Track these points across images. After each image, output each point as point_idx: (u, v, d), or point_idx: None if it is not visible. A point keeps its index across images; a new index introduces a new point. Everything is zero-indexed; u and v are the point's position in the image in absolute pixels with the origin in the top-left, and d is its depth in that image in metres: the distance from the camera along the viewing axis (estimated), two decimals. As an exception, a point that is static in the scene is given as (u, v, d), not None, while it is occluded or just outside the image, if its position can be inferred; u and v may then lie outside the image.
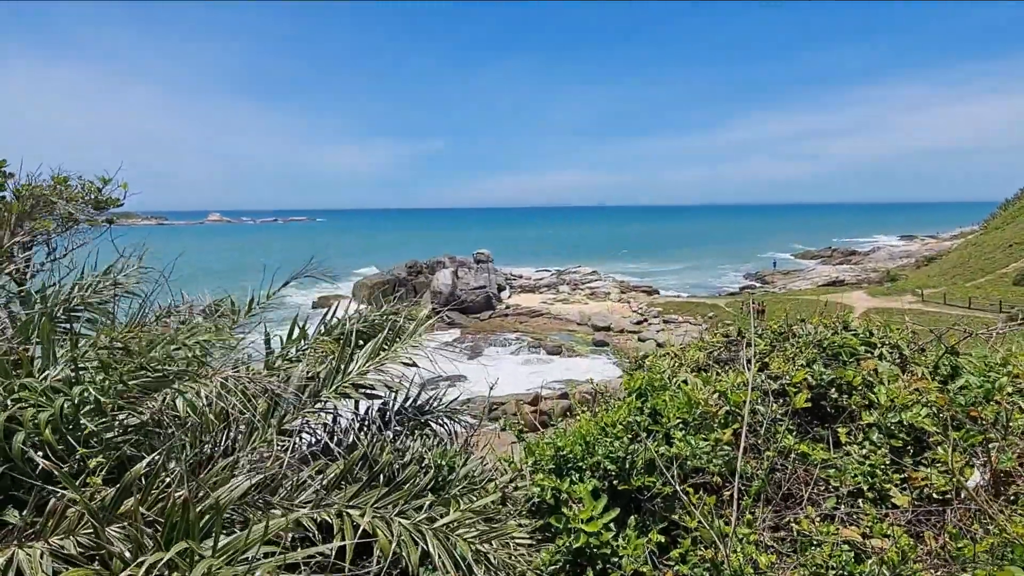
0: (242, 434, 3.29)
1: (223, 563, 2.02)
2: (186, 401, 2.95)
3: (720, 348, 4.34)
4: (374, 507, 2.64)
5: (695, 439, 3.15)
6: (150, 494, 2.42)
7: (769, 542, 2.94)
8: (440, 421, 4.48)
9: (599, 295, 55.82)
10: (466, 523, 2.73)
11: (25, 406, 2.77)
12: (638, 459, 3.17)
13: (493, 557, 2.61)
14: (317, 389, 3.41)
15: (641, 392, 3.63)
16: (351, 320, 4.05)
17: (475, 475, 3.85)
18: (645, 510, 3.14)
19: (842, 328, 4.06)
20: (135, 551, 2.17)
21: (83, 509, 2.36)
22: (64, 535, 2.41)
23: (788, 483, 3.15)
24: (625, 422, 3.38)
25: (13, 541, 2.44)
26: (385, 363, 3.53)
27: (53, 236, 6.34)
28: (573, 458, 3.21)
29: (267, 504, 2.50)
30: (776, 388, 3.56)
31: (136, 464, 2.64)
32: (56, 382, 2.92)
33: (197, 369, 3.18)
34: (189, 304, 4.74)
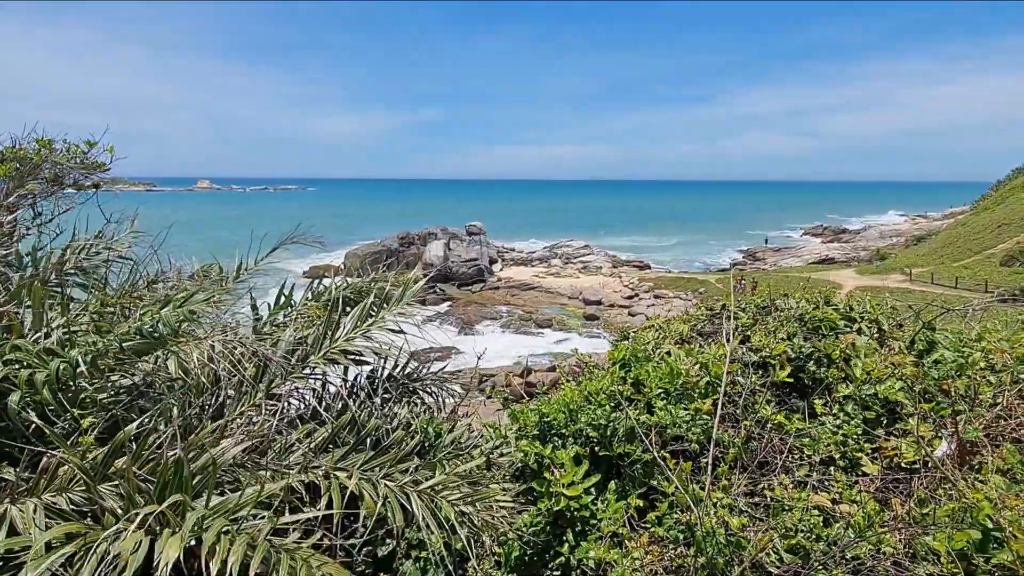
0: (231, 398, 3.35)
1: (211, 516, 2.09)
2: (177, 363, 2.99)
3: (704, 321, 4.41)
4: (361, 469, 2.72)
5: (676, 408, 3.24)
6: (141, 454, 2.48)
7: (743, 507, 3.04)
8: (428, 390, 4.55)
9: (591, 269, 55.95)
10: (450, 486, 2.81)
11: (18, 368, 2.80)
12: (619, 427, 3.25)
13: (476, 519, 2.70)
14: (305, 354, 3.45)
15: (625, 362, 3.70)
16: (338, 287, 4.08)
17: (461, 442, 3.94)
18: (625, 476, 3.23)
19: (823, 303, 4.13)
20: (127, 508, 2.23)
21: (75, 467, 2.41)
22: (57, 492, 2.47)
23: (764, 452, 3.25)
24: (608, 391, 3.46)
25: (6, 497, 2.50)
26: (372, 329, 3.58)
27: (39, 200, 6.28)
28: (556, 425, 3.29)
29: (256, 465, 2.57)
30: (756, 360, 3.64)
31: (128, 425, 2.70)
32: (51, 344, 2.95)
33: (188, 332, 3.21)
34: (178, 269, 4.76)
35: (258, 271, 4.88)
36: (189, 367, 3.18)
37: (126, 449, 2.44)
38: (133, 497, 2.18)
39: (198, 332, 3.36)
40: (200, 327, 3.57)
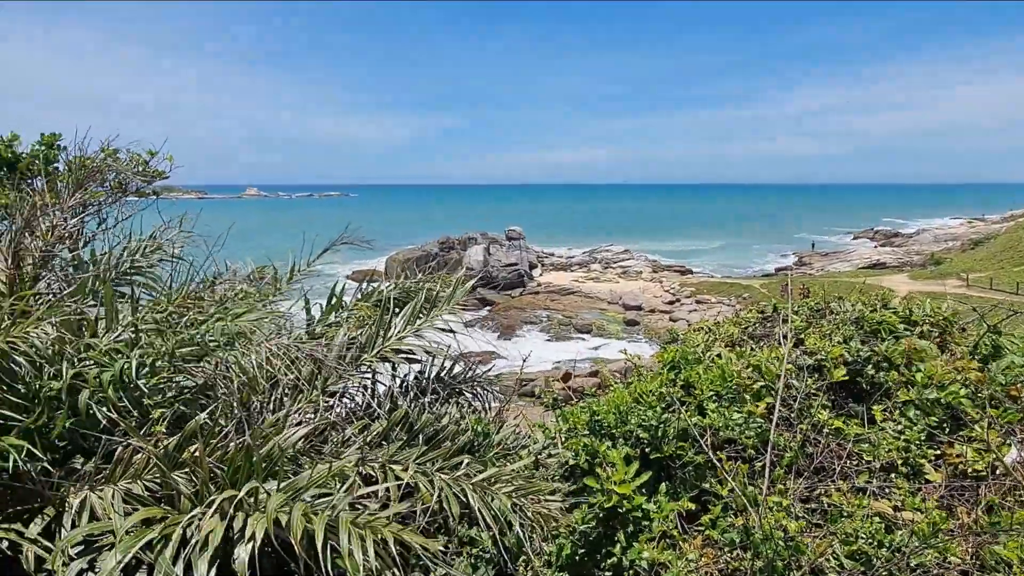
0: (288, 396, 3.46)
1: (288, 499, 2.17)
2: (237, 365, 3.10)
3: (755, 324, 4.35)
4: (416, 463, 2.78)
5: (728, 411, 3.20)
6: (209, 443, 2.59)
7: (799, 512, 2.99)
8: (473, 391, 4.60)
9: (631, 274, 55.45)
10: (503, 479, 2.85)
11: (89, 366, 2.96)
12: (670, 428, 3.23)
13: (529, 511, 2.73)
14: (358, 354, 3.54)
15: (674, 364, 3.68)
16: (389, 287, 4.17)
17: (508, 443, 3.97)
18: (676, 478, 3.21)
19: (881, 306, 4.02)
20: (201, 492, 2.33)
21: (150, 455, 2.54)
22: (131, 480, 2.60)
23: (820, 456, 3.18)
24: (658, 393, 3.44)
25: (85, 486, 2.64)
26: (423, 328, 3.65)
27: (104, 207, 6.61)
28: (607, 425, 3.30)
29: (318, 453, 2.65)
30: (811, 364, 3.56)
31: (193, 417, 2.82)
32: (118, 343, 3.10)
33: (245, 342, 3.33)
34: (234, 271, 4.94)
35: (311, 272, 5.03)
36: (248, 369, 3.30)
37: (197, 437, 2.55)
38: (207, 483, 2.28)
39: (254, 338, 3.48)
40: (257, 332, 3.70)
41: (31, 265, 3.59)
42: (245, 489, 2.15)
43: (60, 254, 4.50)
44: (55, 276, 3.86)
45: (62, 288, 3.85)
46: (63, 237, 3.92)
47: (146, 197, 8.07)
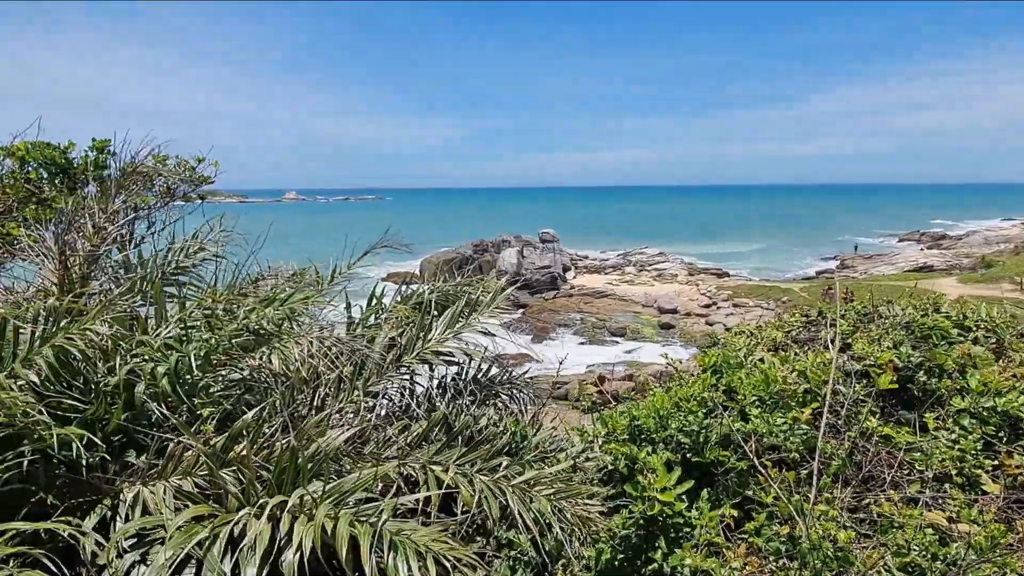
0: (330, 395, 3.52)
1: (333, 505, 2.21)
2: (281, 359, 3.17)
3: (799, 328, 4.24)
4: (456, 464, 2.79)
5: (772, 416, 3.13)
6: (256, 442, 2.65)
7: (847, 522, 2.90)
8: (510, 393, 4.61)
9: (666, 277, 54.76)
10: (543, 482, 2.84)
11: (143, 361, 3.06)
12: (712, 434, 3.17)
13: (569, 514, 2.71)
14: (399, 354, 3.58)
15: (716, 369, 3.61)
16: (428, 289, 4.21)
17: (546, 445, 3.96)
18: (718, 484, 3.15)
19: (932, 310, 3.88)
20: (247, 492, 2.39)
21: (199, 452, 2.61)
22: (182, 476, 2.68)
23: (869, 465, 3.09)
24: (699, 397, 3.39)
25: (138, 480, 2.73)
26: (463, 331, 3.67)
27: (153, 211, 6.84)
28: (647, 430, 3.26)
29: (359, 455, 2.69)
30: (859, 369, 3.46)
31: (239, 416, 2.89)
32: (169, 339, 3.21)
33: (289, 330, 3.41)
34: (277, 271, 5.06)
35: (350, 275, 5.12)
36: (291, 364, 3.37)
37: (243, 437, 2.61)
38: (253, 483, 2.33)
39: (298, 331, 3.56)
40: (300, 326, 3.78)
41: (79, 265, 3.73)
42: (295, 495, 2.20)
43: (109, 255, 4.68)
44: (104, 276, 4.00)
45: (112, 287, 4.00)
46: (111, 239, 4.07)
47: (192, 202, 8.35)
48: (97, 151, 8.36)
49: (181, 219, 6.31)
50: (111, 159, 8.45)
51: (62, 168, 7.99)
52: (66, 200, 7.52)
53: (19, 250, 6.71)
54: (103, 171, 8.30)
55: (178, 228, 5.86)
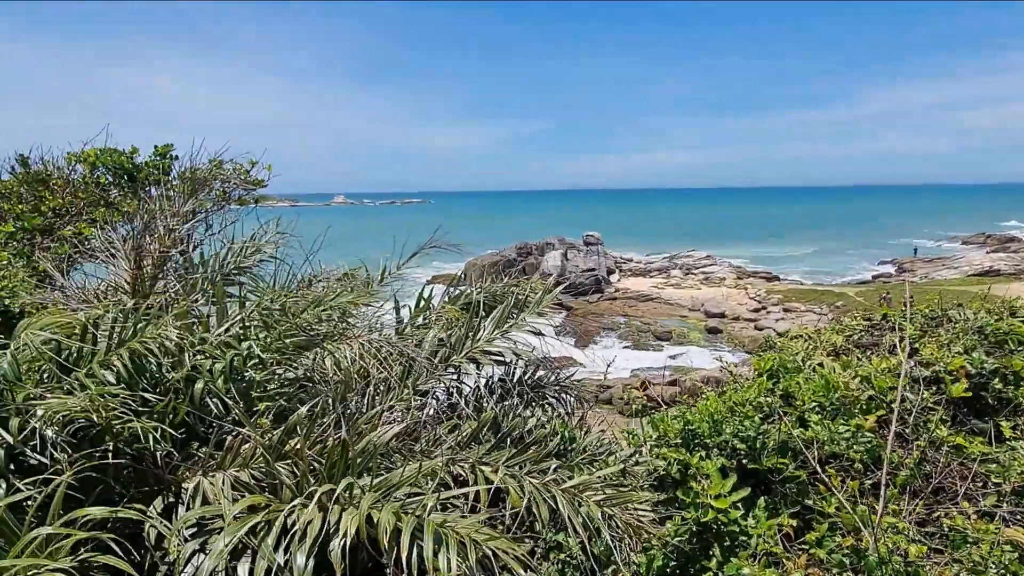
0: (379, 394, 3.56)
1: (380, 496, 2.22)
2: (333, 359, 3.23)
3: (860, 332, 4.06)
4: (505, 465, 2.77)
5: (834, 424, 3.00)
6: (309, 436, 2.70)
7: (915, 536, 2.75)
8: (556, 396, 4.57)
9: (713, 280, 53.59)
10: (593, 486, 2.80)
11: (203, 358, 3.16)
12: (769, 440, 3.07)
13: (620, 520, 2.66)
14: (447, 354, 3.60)
15: (772, 373, 3.49)
16: (477, 290, 4.21)
17: (594, 449, 3.91)
18: (776, 492, 3.04)
19: (1008, 315, 3.66)
20: (301, 484, 2.43)
21: (256, 445, 2.67)
22: (239, 467, 2.75)
23: (939, 476, 2.92)
24: (755, 402, 3.28)
25: (198, 471, 2.82)
26: (511, 331, 3.66)
27: (210, 214, 7.09)
28: (700, 435, 3.17)
29: (410, 451, 2.70)
30: (928, 376, 3.29)
31: (295, 411, 2.96)
32: (228, 337, 3.30)
33: (342, 331, 3.46)
34: (328, 273, 5.16)
35: (397, 276, 5.19)
36: (343, 364, 3.43)
37: (298, 431, 2.66)
38: (307, 475, 2.37)
39: (350, 331, 3.61)
40: (351, 327, 3.84)
41: (150, 266, 3.88)
42: (342, 484, 2.22)
43: (174, 256, 4.87)
44: (171, 276, 4.15)
45: (178, 288, 4.16)
46: (178, 241, 4.23)
47: (246, 205, 8.63)
48: (160, 156, 8.73)
49: (237, 222, 6.54)
50: (173, 163, 8.82)
51: (128, 172, 8.36)
52: (132, 203, 7.87)
53: (90, 250, 7.06)
54: (166, 175, 8.67)
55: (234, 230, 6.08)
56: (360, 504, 2.17)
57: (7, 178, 7.74)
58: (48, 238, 7.29)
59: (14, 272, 5.22)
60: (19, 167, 7.72)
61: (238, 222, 6.54)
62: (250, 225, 5.75)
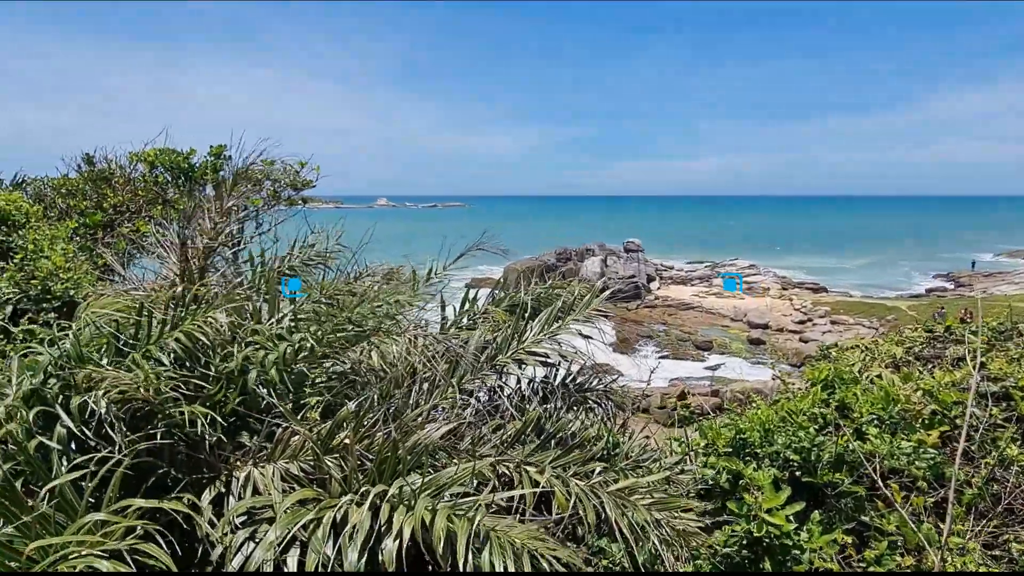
0: (425, 391, 3.57)
1: (431, 497, 2.22)
2: (380, 354, 3.26)
3: (921, 344, 3.89)
4: (551, 465, 2.74)
5: (896, 438, 2.87)
6: (358, 431, 2.72)
7: (980, 559, 2.61)
8: (597, 400, 4.52)
9: (757, 290, 52.38)
10: (640, 491, 2.74)
11: (256, 349, 3.22)
12: (824, 452, 2.96)
13: (668, 527, 2.60)
14: (493, 354, 3.59)
15: (827, 384, 3.37)
16: (523, 292, 4.20)
17: (636, 455, 3.84)
18: (830, 507, 2.93)
19: (1085, 330, 3.45)
20: (349, 479, 2.45)
21: (305, 438, 2.71)
22: (289, 459, 2.80)
23: (1009, 497, 2.77)
24: (809, 413, 3.17)
25: (249, 461, 2.87)
26: (558, 333, 3.63)
27: (260, 212, 7.27)
28: (751, 444, 3.08)
29: (455, 450, 2.70)
30: (996, 391, 3.12)
31: (341, 406, 2.99)
32: (280, 329, 3.37)
33: (390, 326, 3.50)
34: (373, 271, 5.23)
35: (445, 275, 5.22)
36: (389, 360, 3.46)
37: (346, 426, 2.69)
38: (356, 471, 2.39)
39: (398, 328, 3.65)
40: (399, 324, 3.88)
41: (197, 259, 3.99)
42: (395, 485, 2.23)
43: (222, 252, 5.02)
44: (218, 270, 4.27)
45: (229, 280, 4.27)
46: (225, 236, 4.35)
47: (293, 205, 8.85)
48: (214, 156, 9.02)
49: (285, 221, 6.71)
50: (226, 164, 9.10)
51: (184, 172, 8.66)
52: (187, 202, 8.16)
53: (147, 246, 7.34)
54: (218, 174, 8.96)
55: (281, 230, 6.25)
56: (415, 506, 2.17)
57: (73, 176, 8.10)
58: (109, 234, 7.61)
59: (79, 264, 5.46)
60: (85, 165, 8.08)
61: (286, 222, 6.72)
62: (298, 225, 5.90)
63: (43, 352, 2.53)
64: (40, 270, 4.88)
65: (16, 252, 5.29)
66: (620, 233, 71.33)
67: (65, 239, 5.89)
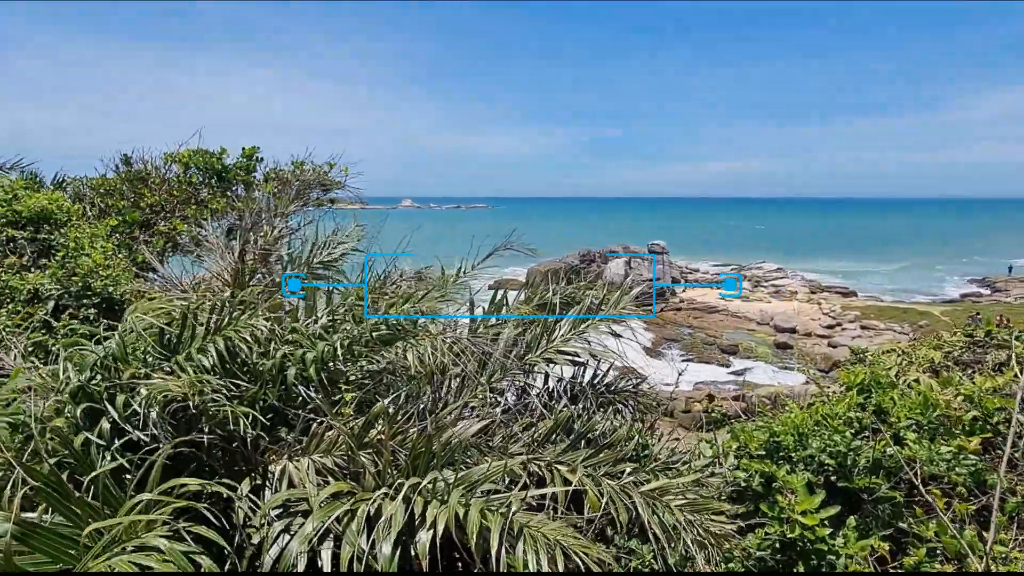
0: (456, 389, 3.60)
1: (464, 492, 2.24)
2: (416, 353, 3.29)
3: (961, 348, 3.80)
4: (583, 465, 2.75)
5: (936, 444, 2.81)
6: (391, 427, 2.76)
7: (1021, 569, 2.54)
8: (624, 401, 4.50)
9: (784, 294, 51.57)
10: (673, 492, 2.73)
11: (294, 349, 3.28)
12: (861, 457, 2.91)
13: (700, 528, 2.58)
14: (523, 352, 3.60)
15: (863, 387, 3.32)
16: (552, 290, 4.21)
17: (668, 457, 3.82)
18: (866, 512, 2.88)
19: None
20: (383, 473, 2.48)
21: (339, 433, 2.75)
22: (323, 454, 2.84)
23: (1055, 507, 2.69)
24: (845, 416, 3.12)
25: (285, 455, 2.93)
26: (588, 332, 3.63)
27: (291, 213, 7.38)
28: (785, 447, 3.04)
29: (488, 447, 2.72)
30: (1040, 397, 3.03)
31: (374, 403, 3.03)
32: (318, 328, 3.42)
33: (424, 326, 3.53)
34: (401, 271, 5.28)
35: (473, 275, 5.25)
36: (424, 359, 3.49)
37: (381, 421, 2.72)
38: (390, 465, 2.42)
39: (431, 328, 3.68)
40: (431, 324, 3.91)
41: (251, 260, 4.07)
42: (428, 478, 2.26)
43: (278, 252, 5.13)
44: (270, 270, 4.36)
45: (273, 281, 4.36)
46: (278, 238, 4.43)
47: (322, 206, 8.98)
48: (246, 158, 9.18)
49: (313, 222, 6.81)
50: (257, 165, 9.27)
51: (217, 173, 8.84)
52: (220, 201, 8.31)
53: (183, 245, 7.50)
54: (251, 175, 9.13)
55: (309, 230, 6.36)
56: (448, 500, 2.20)
57: (111, 176, 8.32)
58: (145, 233, 7.80)
59: (118, 262, 5.61)
60: (122, 166, 8.29)
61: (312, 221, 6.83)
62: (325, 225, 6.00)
63: (90, 350, 2.60)
64: (81, 267, 5.03)
65: (58, 250, 5.46)
66: (645, 235, 70.79)
67: (105, 237, 6.06)
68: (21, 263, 5.17)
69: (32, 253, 5.43)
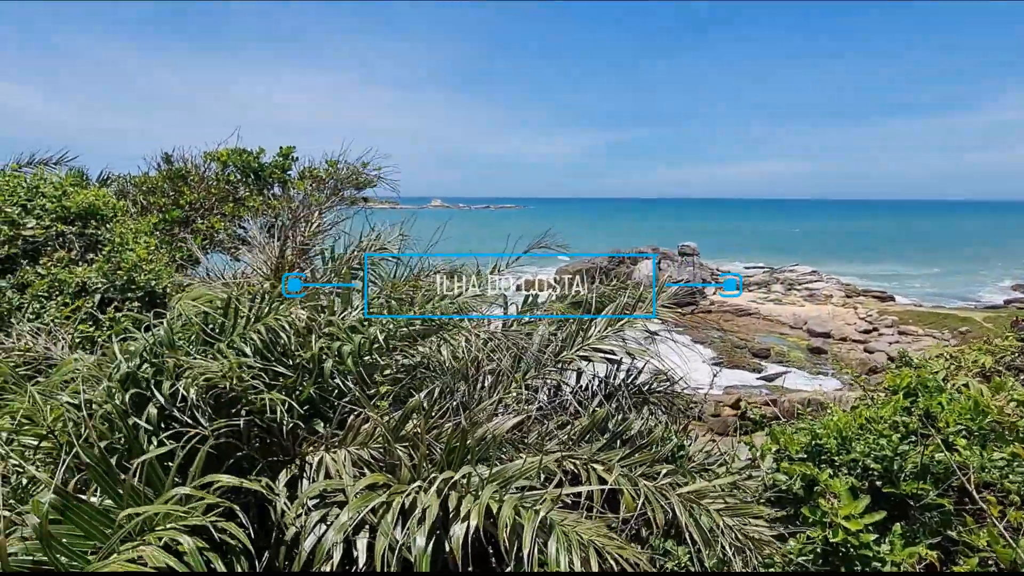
0: (493, 385, 3.60)
1: (498, 487, 2.24)
2: (450, 348, 3.30)
3: (1013, 353, 3.65)
4: (619, 464, 2.72)
5: (987, 451, 2.71)
6: (427, 421, 2.77)
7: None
8: (657, 402, 4.45)
9: (818, 298, 50.42)
10: (711, 495, 2.68)
11: (331, 342, 3.32)
12: (907, 462, 2.82)
13: (739, 532, 2.53)
14: (558, 349, 3.58)
15: (910, 391, 3.21)
16: (588, 289, 4.18)
17: (703, 459, 3.76)
18: (913, 519, 2.79)
19: None
20: (418, 466, 2.49)
21: (376, 425, 2.77)
22: (360, 446, 2.87)
23: (1117, 519, 2.57)
24: (891, 420, 3.02)
25: (322, 447, 2.96)
26: (624, 329, 3.60)
27: (324, 211, 7.49)
28: (827, 451, 2.96)
29: (522, 444, 2.71)
30: (1101, 405, 2.90)
31: (409, 397, 3.04)
32: (355, 322, 3.46)
33: (458, 321, 3.54)
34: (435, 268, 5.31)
35: (504, 273, 5.25)
36: (459, 354, 3.50)
37: (416, 415, 2.73)
38: (425, 459, 2.43)
39: (466, 323, 3.69)
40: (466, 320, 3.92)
41: (292, 255, 4.14)
42: (461, 472, 2.25)
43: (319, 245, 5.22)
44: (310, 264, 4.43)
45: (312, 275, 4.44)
46: (316, 233, 4.49)
47: (354, 204, 9.09)
48: (283, 157, 9.34)
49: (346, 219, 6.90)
50: (293, 164, 9.44)
51: (254, 171, 9.01)
52: (257, 199, 8.47)
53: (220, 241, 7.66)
54: (287, 173, 9.28)
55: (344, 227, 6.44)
56: (481, 495, 2.19)
57: (153, 174, 8.55)
58: (185, 229, 7.99)
59: (160, 257, 5.76)
60: (163, 164, 8.51)
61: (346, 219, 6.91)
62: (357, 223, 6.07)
63: (140, 336, 2.67)
64: (126, 262, 5.18)
65: (104, 245, 5.63)
66: (676, 236, 69.99)
67: (148, 233, 6.23)
68: (70, 257, 5.34)
69: (80, 247, 5.60)
